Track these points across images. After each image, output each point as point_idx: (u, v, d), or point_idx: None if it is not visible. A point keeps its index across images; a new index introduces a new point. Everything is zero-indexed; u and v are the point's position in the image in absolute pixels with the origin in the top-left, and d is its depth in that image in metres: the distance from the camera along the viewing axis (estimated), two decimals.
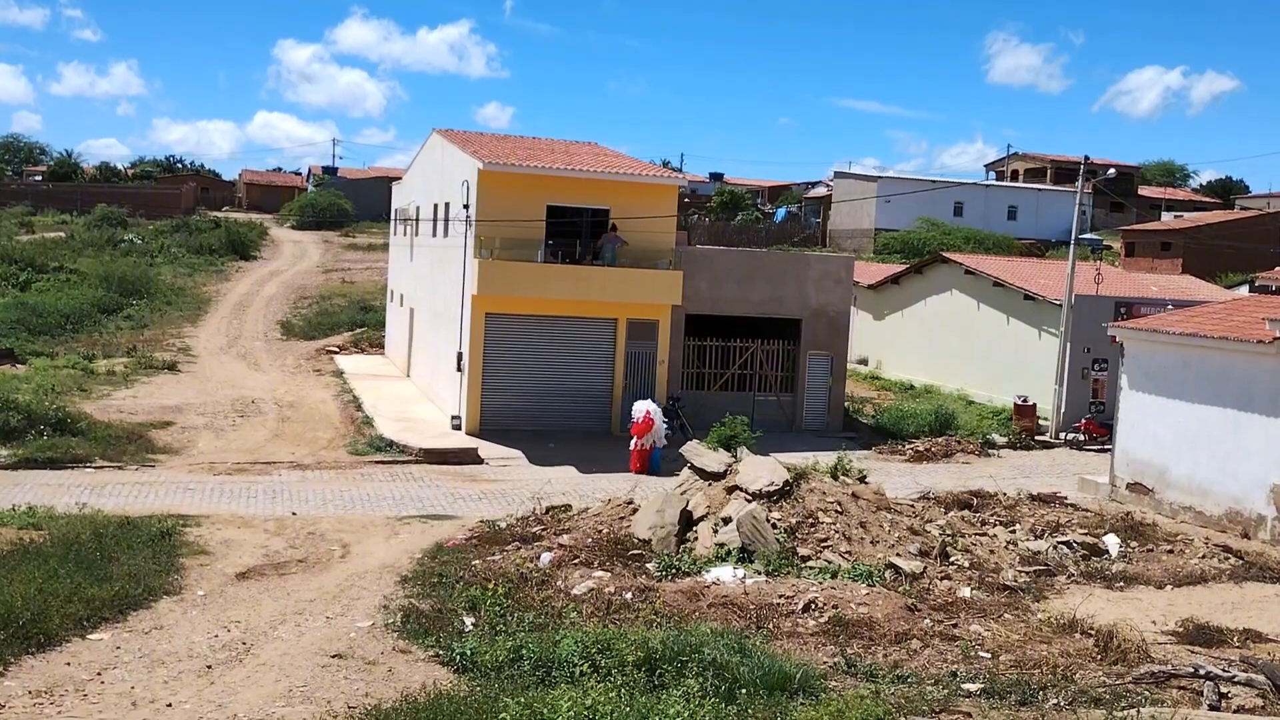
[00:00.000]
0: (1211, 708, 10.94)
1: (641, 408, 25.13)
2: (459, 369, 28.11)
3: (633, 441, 25.09)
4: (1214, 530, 20.97)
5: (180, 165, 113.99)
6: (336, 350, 41.36)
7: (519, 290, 27.25)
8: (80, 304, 43.21)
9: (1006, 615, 14.40)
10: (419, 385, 34.33)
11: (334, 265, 61.46)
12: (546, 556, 15.87)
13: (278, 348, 41.06)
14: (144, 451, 23.95)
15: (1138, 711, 10.11)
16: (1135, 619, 14.23)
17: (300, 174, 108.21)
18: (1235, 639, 13.73)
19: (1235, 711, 10.86)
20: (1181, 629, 14.19)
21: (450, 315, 29.68)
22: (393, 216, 42.74)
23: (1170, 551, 18.64)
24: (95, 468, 22.36)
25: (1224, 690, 11.38)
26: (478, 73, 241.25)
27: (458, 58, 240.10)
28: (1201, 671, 11.67)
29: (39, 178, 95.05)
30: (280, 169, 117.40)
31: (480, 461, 25.23)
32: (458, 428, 27.73)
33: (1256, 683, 11.43)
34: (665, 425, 25.75)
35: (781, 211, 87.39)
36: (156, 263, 56.20)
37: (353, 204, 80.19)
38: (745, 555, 15.79)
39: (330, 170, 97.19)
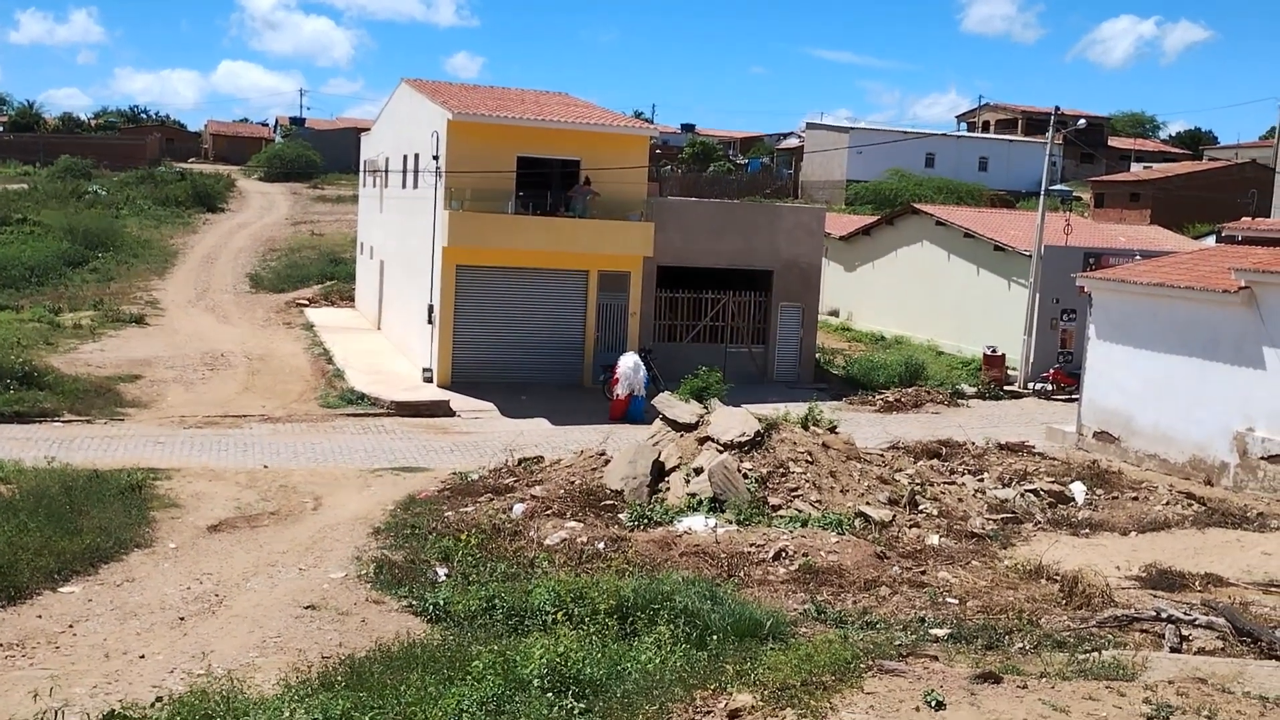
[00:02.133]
0: (1173, 650, 11.15)
1: (624, 362, 25.50)
2: (430, 321, 28.00)
3: (615, 392, 25.46)
4: (1178, 477, 21.28)
5: (144, 116, 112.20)
6: (306, 303, 41.06)
7: (489, 242, 27.10)
8: (45, 256, 42.62)
9: (974, 562, 14.59)
10: (390, 338, 34.18)
11: (303, 217, 60.88)
12: (519, 508, 15.92)
13: (247, 301, 40.73)
14: (113, 405, 23.77)
15: (1100, 654, 10.30)
16: (1100, 565, 14.46)
17: (267, 125, 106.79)
18: (1197, 583, 13.98)
19: (1196, 653, 11.08)
20: (1145, 574, 14.43)
21: (421, 268, 29.49)
22: (362, 168, 42.31)
23: (1135, 499, 18.91)
24: (63, 421, 22.19)
25: (1185, 633, 11.61)
26: (446, 21, 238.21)
27: (426, 5, 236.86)
28: (1163, 615, 11.89)
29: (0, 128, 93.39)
30: (246, 120, 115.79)
31: (452, 414, 25.21)
32: (429, 380, 27.67)
33: (1217, 625, 11.66)
34: (646, 375, 25.83)
35: (754, 163, 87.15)
36: (122, 215, 55.46)
37: (321, 155, 79.29)
38: (717, 505, 15.89)
39: (298, 121, 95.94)
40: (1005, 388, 31.38)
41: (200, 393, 25.86)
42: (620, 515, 15.81)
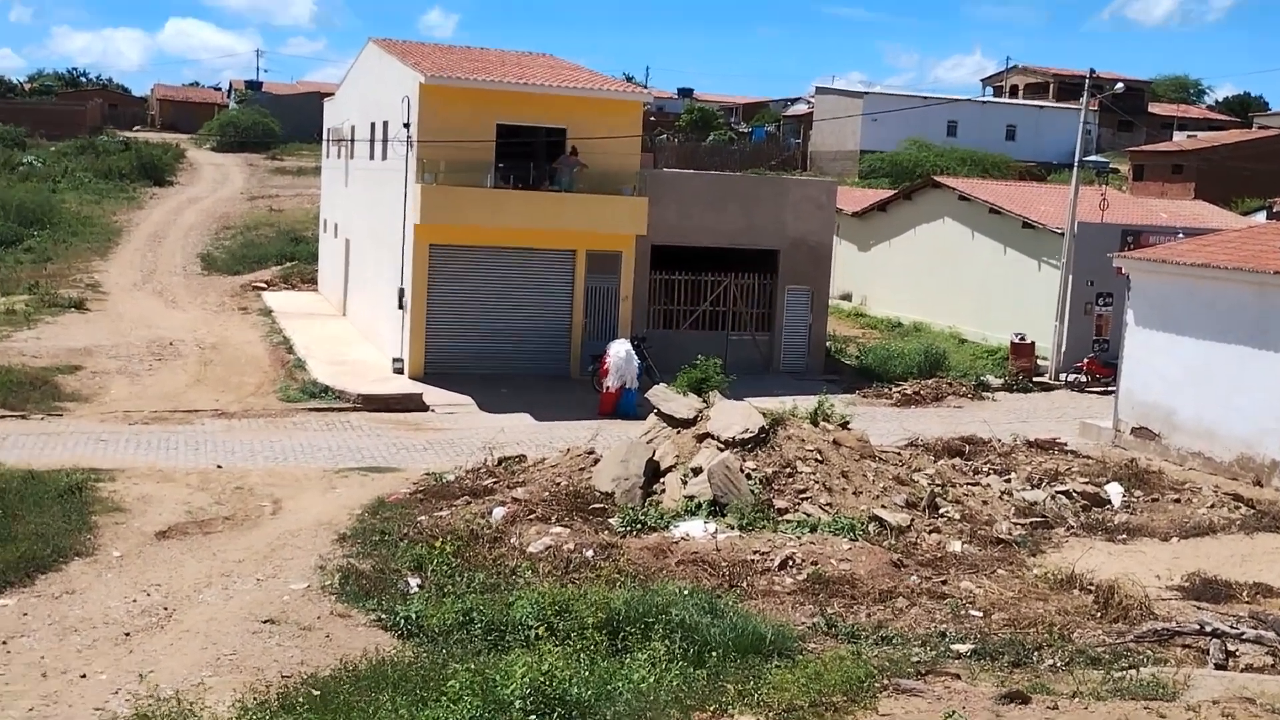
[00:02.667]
0: (1218, 666, 11.18)
1: (616, 351, 25.57)
2: (400, 306, 27.97)
3: (605, 385, 25.54)
4: (1224, 477, 21.33)
5: (84, 79, 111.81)
6: (264, 286, 41.00)
7: (466, 218, 27.07)
8: None
9: (1000, 571, 14.64)
10: (356, 325, 34.12)
11: (260, 191, 60.78)
12: (499, 512, 15.94)
13: (198, 283, 40.66)
14: (50, 399, 23.72)
15: (1138, 671, 10.33)
16: (1138, 573, 14.49)
17: (220, 89, 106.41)
18: (1244, 594, 14.02)
19: (1243, 670, 11.11)
20: (1187, 584, 14.48)
21: (390, 247, 29.45)
22: (325, 137, 42.20)
23: (1177, 501, 18.96)
24: None
25: (1231, 648, 11.64)
26: None
27: None
28: (1207, 628, 11.92)
29: None
30: (197, 84, 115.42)
31: (425, 408, 25.22)
32: (400, 371, 27.65)
33: (1266, 640, 11.69)
34: (639, 366, 25.85)
35: (758, 131, 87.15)
36: (60, 188, 55.29)
37: (280, 123, 79.11)
38: (717, 508, 15.93)
39: (254, 85, 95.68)
40: (1034, 379, 31.45)
41: (147, 385, 25.81)
42: (611, 520, 15.84)
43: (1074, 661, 11.22)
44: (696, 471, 16.68)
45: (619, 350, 25.65)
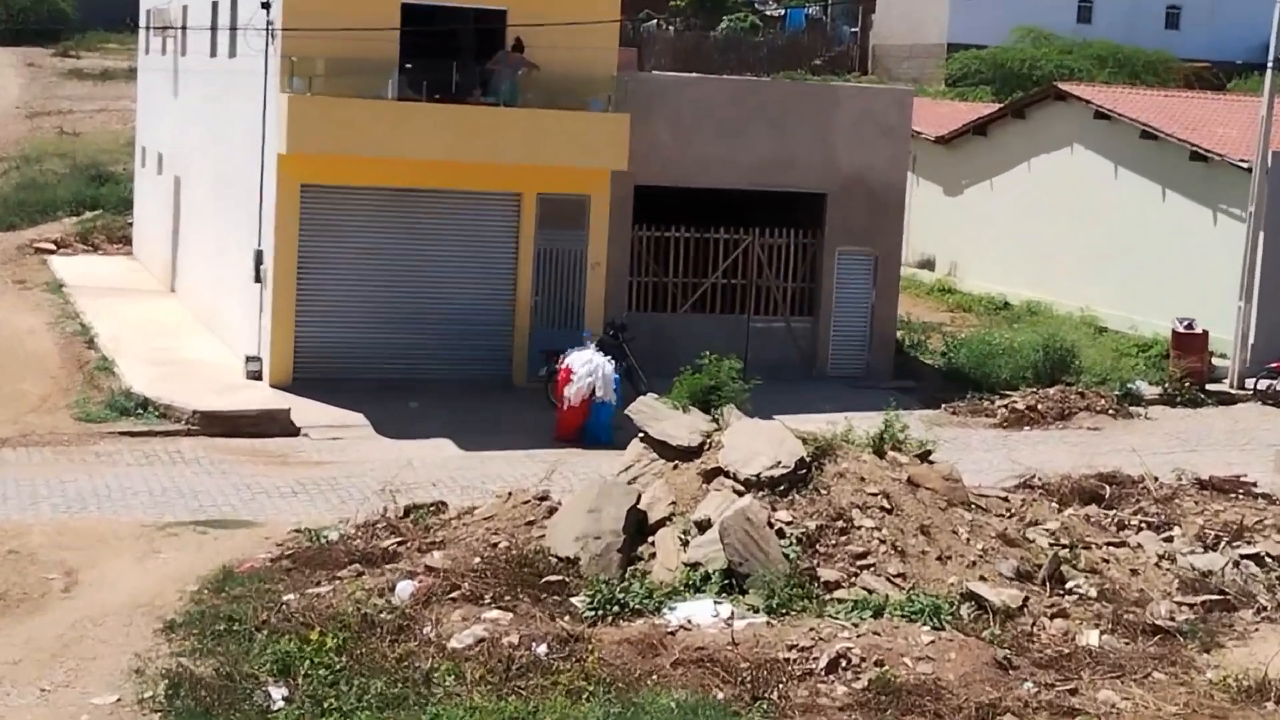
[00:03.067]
0: None
1: (581, 365, 25.48)
2: (258, 279, 27.89)
3: (563, 397, 25.54)
4: None
5: None
6: (52, 248, 40.85)
7: (357, 146, 26.98)
8: None
9: (1157, 674, 14.62)
10: (191, 306, 34.08)
11: (45, 105, 60.45)
12: (406, 587, 15.88)
13: None
14: None
15: None
16: None
17: None
18: None
19: None
20: None
21: (242, 189, 29.39)
22: (143, 22, 42.03)
23: None
24: None
25: None
26: None
27: None
28: None
29: None
30: None
31: (295, 431, 25.19)
32: (257, 376, 27.59)
33: None
34: (616, 369, 25.92)
35: (795, 15, 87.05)
36: None
37: (74, 2, 78.81)
38: (734, 581, 15.89)
39: None
40: (1207, 387, 31.48)
41: None
42: (574, 599, 15.78)
43: None
44: (703, 526, 16.62)
45: (583, 357, 25.47)
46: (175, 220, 35.95)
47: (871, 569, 16.19)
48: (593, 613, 15.45)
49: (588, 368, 25.46)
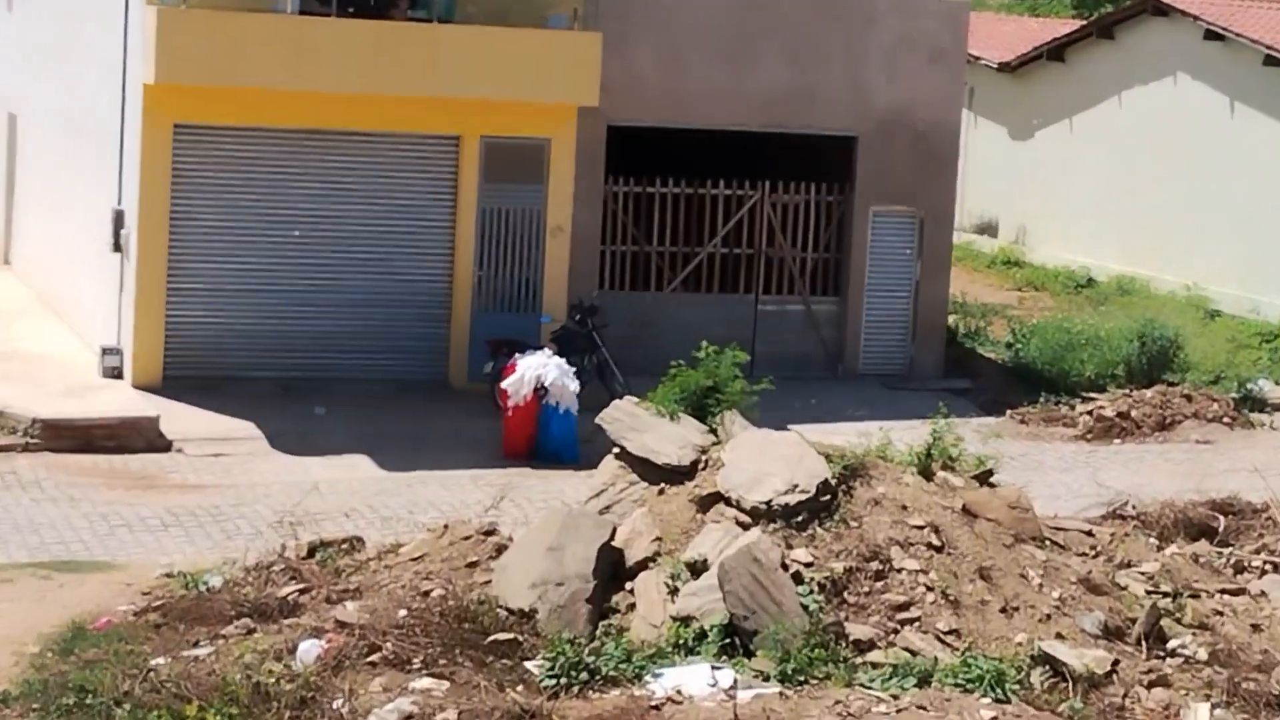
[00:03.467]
0: None
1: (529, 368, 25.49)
2: (118, 248, 27.81)
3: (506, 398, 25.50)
4: None
5: None
6: None
7: (246, 74, 26.88)
8: None
9: None
10: (31, 283, 34.03)
11: None
12: (311, 648, 15.84)
13: None
14: None
15: None
16: None
17: None
18: None
19: None
20: None
21: (97, 132, 29.39)
22: None
23: None
24: None
25: None
26: None
27: None
28: None
29: None
30: None
31: (166, 446, 25.16)
32: (116, 374, 27.52)
33: None
34: (586, 365, 25.91)
35: None
36: None
37: None
38: (737, 640, 15.87)
39: None
40: None
41: None
42: (530, 664, 15.74)
43: None
44: (697, 569, 16.59)
45: (536, 360, 25.46)
46: (9, 172, 35.85)
47: (916, 624, 16.16)
48: (554, 681, 15.37)
49: (534, 359, 25.44)
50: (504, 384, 25.45)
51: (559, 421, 25.25)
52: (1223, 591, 18.50)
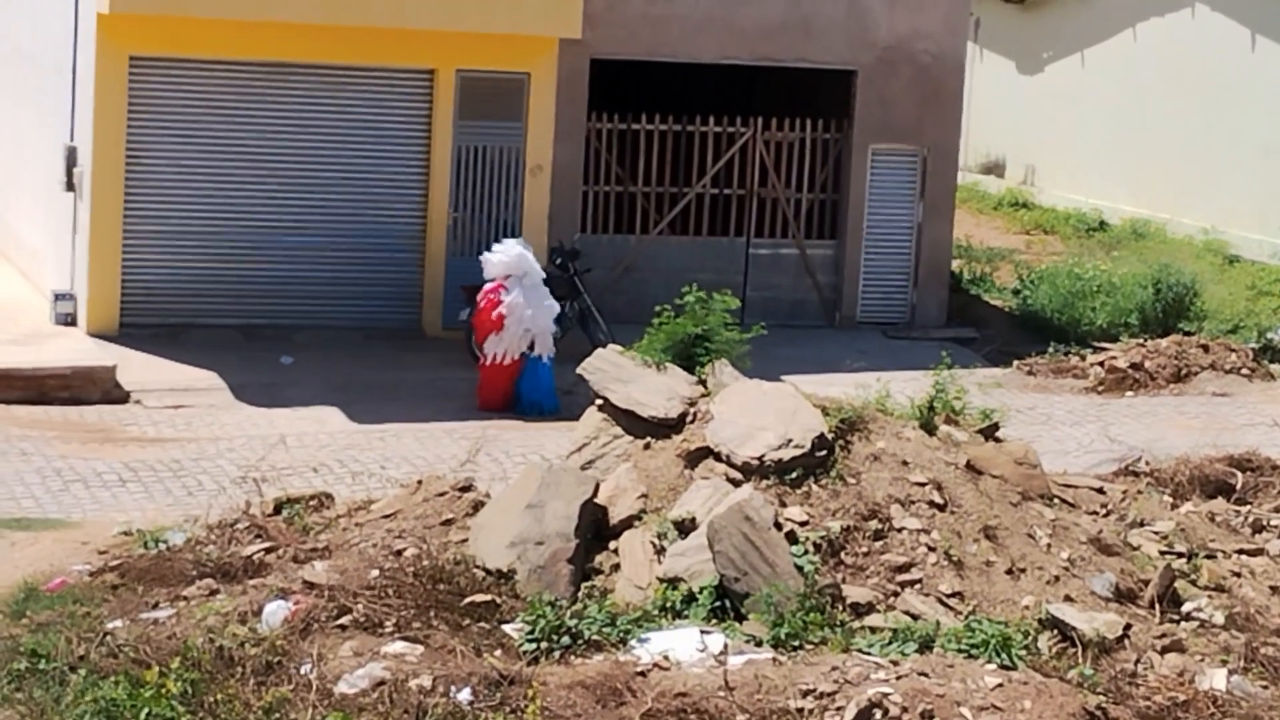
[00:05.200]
0: None
1: (500, 260, 25.08)
2: (70, 188, 27.74)
3: (484, 349, 25.37)
4: None
5: None
6: None
7: (205, 2, 26.82)
8: None
9: None
10: None
11: None
12: (278, 610, 15.83)
13: None
14: None
15: None
16: None
17: None
18: None
19: None
20: None
21: (47, 64, 29.37)
22: None
23: None
24: None
25: None
26: None
27: None
28: None
29: None
30: None
31: (124, 397, 25.16)
32: (69, 321, 27.49)
33: None
34: (568, 308, 25.93)
35: None
36: None
37: None
38: (728, 603, 15.89)
39: None
40: None
41: None
42: (508, 627, 15.76)
43: None
44: (685, 528, 16.59)
45: (507, 258, 25.33)
46: None
47: (917, 586, 16.18)
48: (534, 646, 15.38)
49: (521, 305, 25.32)
50: (491, 342, 25.27)
51: (539, 370, 25.26)
52: (1240, 552, 18.54)
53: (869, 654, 15.11)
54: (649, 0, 29.71)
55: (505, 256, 25.40)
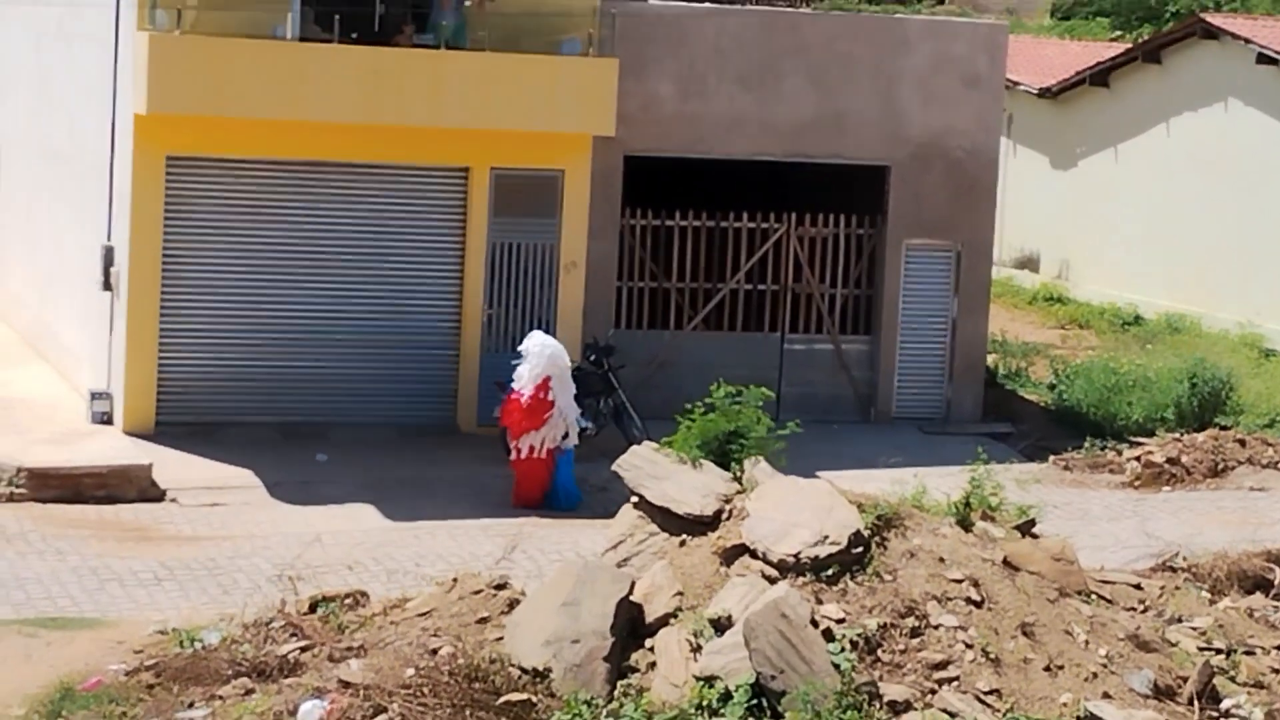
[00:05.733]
0: None
1: (540, 353, 25.07)
2: (108, 286, 27.81)
3: (515, 444, 25.33)
4: None
5: None
6: None
7: (243, 104, 26.90)
8: None
9: None
10: (15, 323, 34.06)
11: None
12: (313, 709, 15.84)
13: None
14: None
15: None
16: None
17: None
18: None
19: None
20: None
21: (85, 164, 29.42)
22: None
23: None
24: None
25: None
26: None
27: None
28: None
29: None
30: None
31: (160, 495, 25.13)
32: (106, 419, 27.53)
33: None
34: (603, 406, 26.09)
35: None
36: None
37: None
38: (764, 701, 15.84)
39: None
40: None
41: None
42: None
43: None
44: (721, 625, 16.57)
45: (551, 353, 25.32)
46: None
47: (955, 684, 16.13)
48: None
49: (539, 359, 25.29)
50: (524, 441, 25.10)
51: (566, 467, 25.29)
52: (1279, 648, 18.46)
53: None
54: (682, 98, 29.83)
55: (548, 352, 25.41)
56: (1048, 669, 16.54)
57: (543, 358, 25.12)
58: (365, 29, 27.95)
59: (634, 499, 18.69)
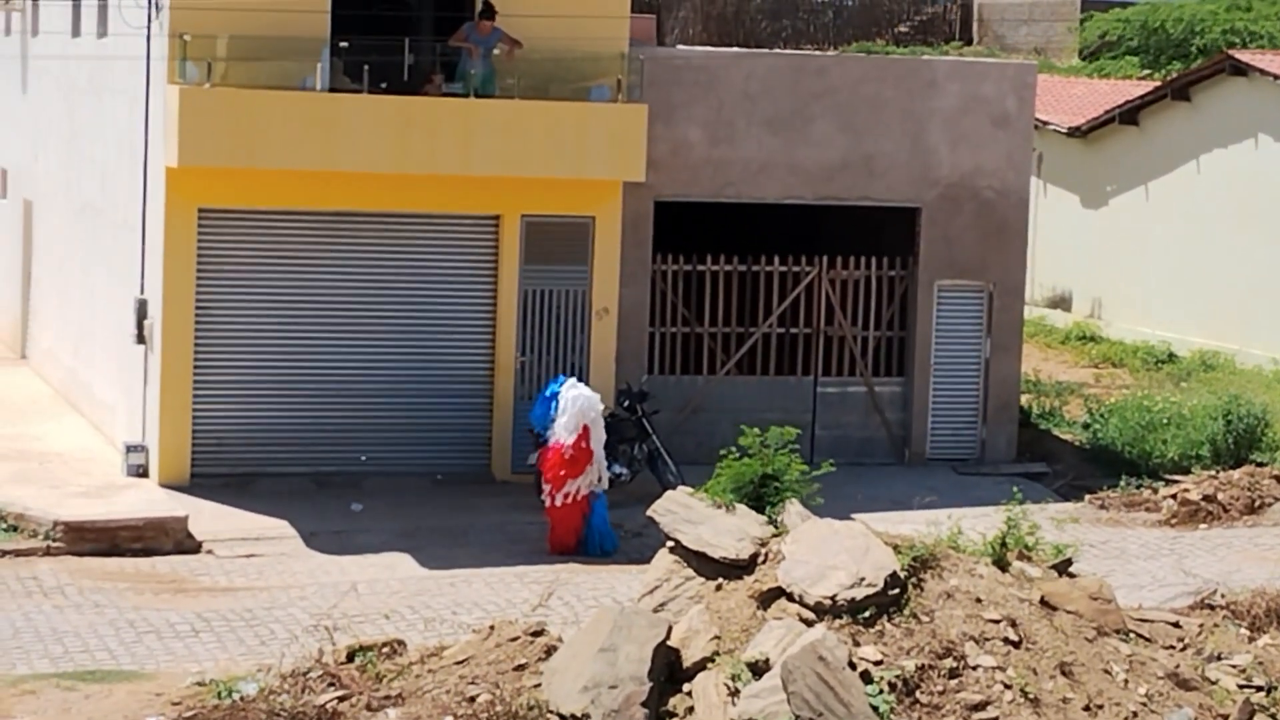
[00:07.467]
0: None
1: (572, 404, 25.09)
2: (141, 339, 27.88)
3: (548, 491, 25.30)
4: None
5: None
6: None
7: (273, 155, 27.00)
8: None
9: None
10: (50, 376, 34.12)
11: None
12: None
13: None
14: None
15: None
16: None
17: None
18: None
19: None
20: None
21: (118, 217, 29.51)
22: None
23: None
24: None
25: None
26: None
27: None
28: None
29: None
30: None
31: (196, 547, 25.16)
32: (141, 472, 27.57)
33: None
34: (636, 450, 26.17)
35: None
36: None
37: None
38: None
39: None
40: None
41: None
42: None
43: None
44: (759, 669, 16.54)
45: (571, 412, 25.34)
46: (25, 261, 35.97)
47: None
48: None
49: (575, 408, 25.28)
50: (565, 485, 25.22)
51: (600, 511, 25.27)
52: None
53: None
54: (712, 143, 29.87)
55: (580, 403, 25.43)
56: (1087, 709, 16.50)
57: (575, 408, 25.19)
58: (394, 79, 28.03)
59: (669, 544, 18.67)
